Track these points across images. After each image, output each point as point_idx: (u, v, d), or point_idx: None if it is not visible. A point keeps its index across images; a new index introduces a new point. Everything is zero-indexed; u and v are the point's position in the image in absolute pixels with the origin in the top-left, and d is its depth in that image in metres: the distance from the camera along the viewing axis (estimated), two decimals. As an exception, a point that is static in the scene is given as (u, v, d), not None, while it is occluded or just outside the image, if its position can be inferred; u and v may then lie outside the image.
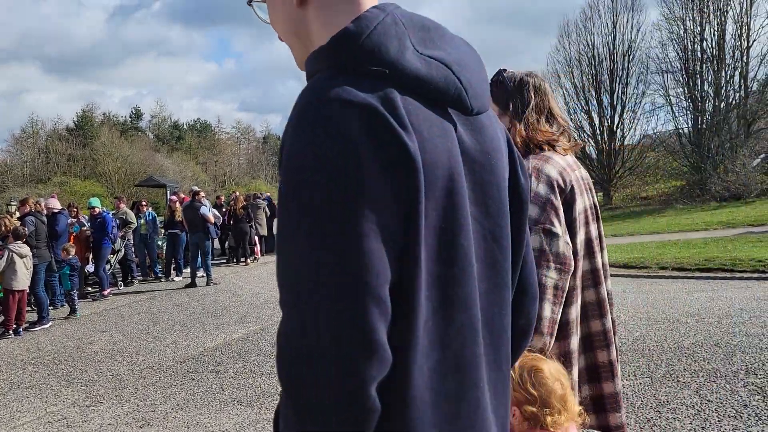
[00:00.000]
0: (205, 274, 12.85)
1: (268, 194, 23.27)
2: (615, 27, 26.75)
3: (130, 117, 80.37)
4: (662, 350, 5.47)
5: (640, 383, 4.65)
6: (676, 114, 27.10)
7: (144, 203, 14.88)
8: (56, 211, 10.83)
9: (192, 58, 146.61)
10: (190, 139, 79.95)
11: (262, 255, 17.85)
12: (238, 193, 20.25)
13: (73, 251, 10.38)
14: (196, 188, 14.07)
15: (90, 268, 12.76)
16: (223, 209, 17.97)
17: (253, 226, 16.98)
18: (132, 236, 13.67)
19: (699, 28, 26.56)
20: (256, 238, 17.45)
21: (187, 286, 12.69)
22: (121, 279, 13.57)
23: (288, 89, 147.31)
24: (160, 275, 14.40)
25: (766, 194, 22.73)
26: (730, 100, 26.79)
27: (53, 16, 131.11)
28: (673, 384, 4.56)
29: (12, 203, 22.02)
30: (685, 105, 26.84)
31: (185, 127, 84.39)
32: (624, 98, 26.74)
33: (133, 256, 13.94)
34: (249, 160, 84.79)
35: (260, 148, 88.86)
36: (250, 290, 11.58)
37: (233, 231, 16.96)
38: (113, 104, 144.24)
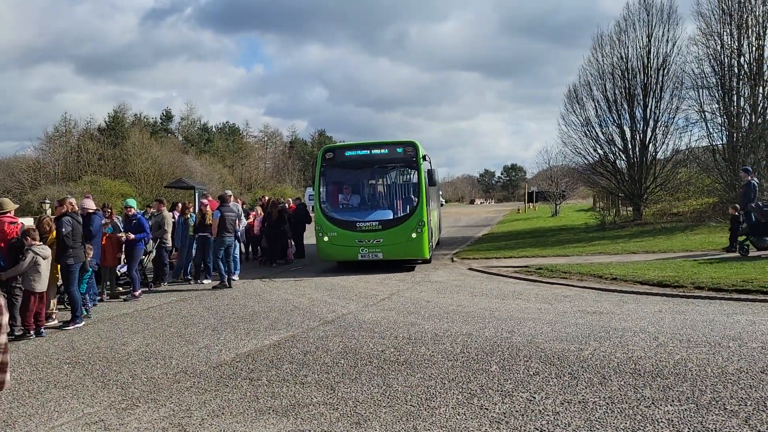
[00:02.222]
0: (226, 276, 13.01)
1: (298, 197, 23.38)
2: (650, 40, 26.40)
3: (161, 119, 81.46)
4: (706, 375, 5.34)
5: (686, 409, 4.53)
6: (711, 130, 26.61)
7: (189, 206, 15.13)
8: (91, 211, 10.96)
9: (222, 62, 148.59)
10: (218, 141, 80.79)
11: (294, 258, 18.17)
12: (267, 197, 20.37)
13: (92, 253, 10.42)
14: (228, 192, 14.16)
15: (122, 268, 12.90)
16: (251, 213, 18.12)
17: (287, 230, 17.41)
18: (170, 239, 13.80)
19: (737, 44, 26.07)
20: (292, 241, 17.83)
21: (215, 288, 12.79)
22: (152, 280, 13.70)
23: (314, 95, 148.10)
24: (189, 278, 14.50)
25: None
26: (768, 116, 26.22)
27: (87, 18, 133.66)
28: (721, 412, 4.44)
29: (46, 201, 22.40)
30: (719, 121, 26.37)
31: (214, 129, 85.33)
32: (657, 113, 26.36)
33: (168, 258, 14.08)
34: (275, 164, 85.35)
35: (286, 153, 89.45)
36: (279, 296, 11.60)
37: (268, 234, 17.25)
38: (144, 106, 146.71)
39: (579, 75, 41.48)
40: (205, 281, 13.89)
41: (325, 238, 14.72)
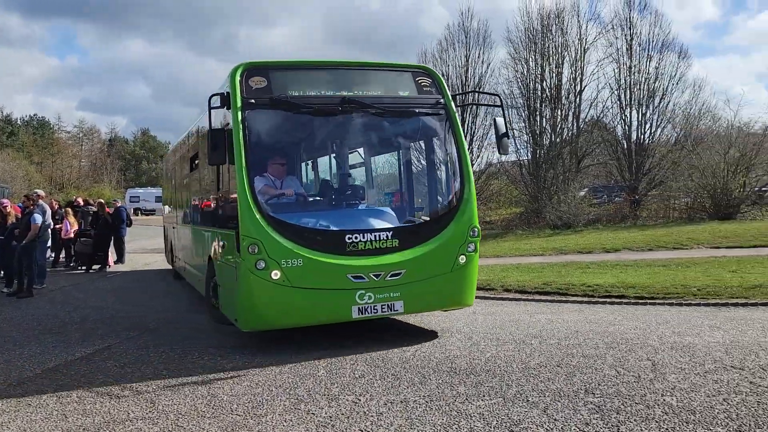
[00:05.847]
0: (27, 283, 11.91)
1: (116, 199, 22.01)
2: (467, 61, 28.52)
3: (-49, 106, 71.90)
4: (512, 371, 5.86)
5: (494, 403, 4.95)
6: (518, 146, 29.33)
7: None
8: None
9: (31, 50, 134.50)
10: (24, 136, 73.16)
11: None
12: (80, 198, 19.00)
13: None
14: (40, 192, 12.88)
15: None
16: (57, 216, 16.78)
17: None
18: None
19: (540, 69, 29.01)
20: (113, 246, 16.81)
21: (18, 297, 11.59)
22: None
23: (136, 92, 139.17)
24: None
25: (592, 224, 25.16)
26: (564, 136, 29.45)
27: None
28: (524, 404, 4.91)
29: None
30: (526, 139, 29.13)
31: (19, 122, 77.18)
32: (474, 128, 28.48)
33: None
34: (92, 163, 79.01)
35: (105, 151, 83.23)
36: (95, 304, 10.80)
37: (96, 237, 16.19)
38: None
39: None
40: (4, 290, 12.50)
41: (275, 275, 6.58)
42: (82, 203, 18.76)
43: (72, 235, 16.67)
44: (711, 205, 24.63)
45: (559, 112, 28.75)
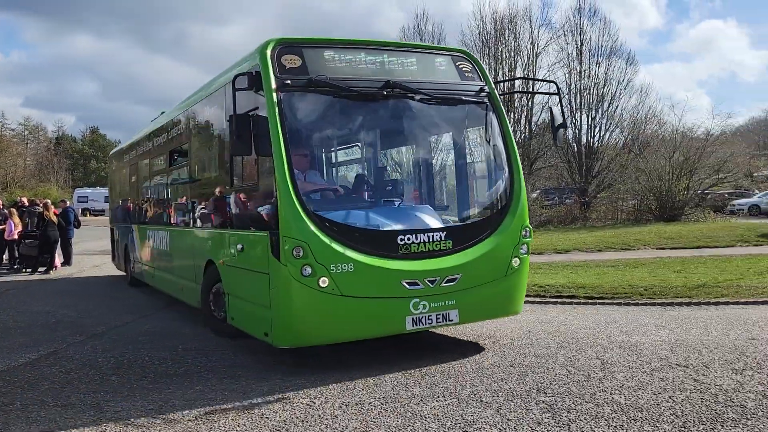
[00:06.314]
0: None
1: (64, 199, 21.33)
2: (423, 63, 28.72)
3: None
4: (466, 371, 5.93)
5: (449, 404, 5.00)
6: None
7: None
8: None
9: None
10: (-37, 132, 70.13)
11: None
12: (25, 198, 18.41)
13: None
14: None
15: None
16: (0, 216, 16.25)
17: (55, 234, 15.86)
18: None
19: (494, 73, 29.45)
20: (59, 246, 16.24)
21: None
22: None
23: (84, 89, 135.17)
24: None
25: (543, 225, 25.63)
26: (517, 139, 29.95)
27: None
28: (478, 404, 4.97)
29: None
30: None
31: (-43, 118, 73.87)
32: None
33: None
34: (38, 162, 76.45)
35: (52, 150, 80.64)
36: (40, 308, 10.45)
37: (41, 238, 15.68)
38: None
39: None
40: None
41: (323, 282, 5.83)
42: (27, 203, 18.15)
43: (16, 236, 16.09)
44: (657, 207, 25.42)
45: (512, 116, 29.23)
